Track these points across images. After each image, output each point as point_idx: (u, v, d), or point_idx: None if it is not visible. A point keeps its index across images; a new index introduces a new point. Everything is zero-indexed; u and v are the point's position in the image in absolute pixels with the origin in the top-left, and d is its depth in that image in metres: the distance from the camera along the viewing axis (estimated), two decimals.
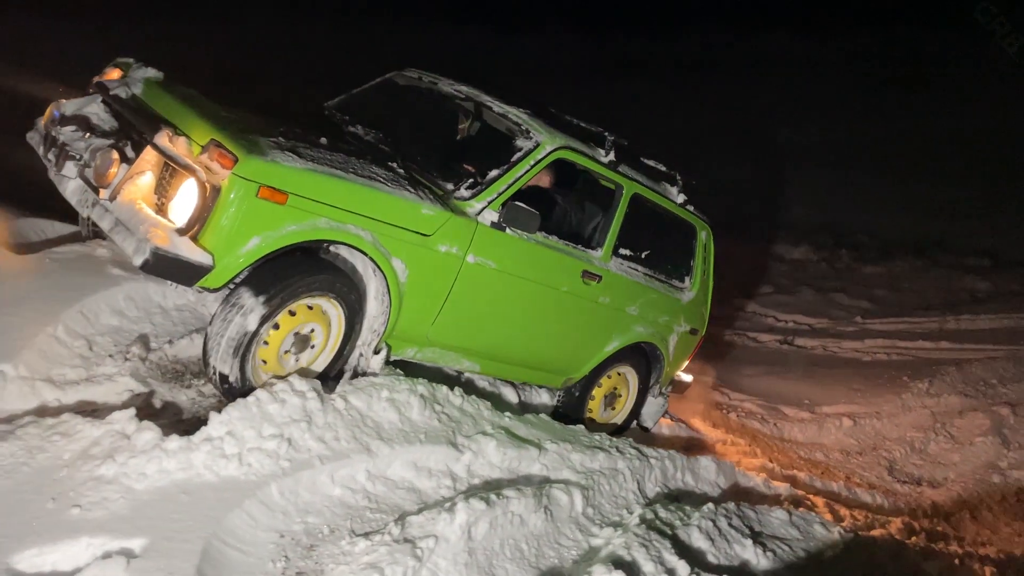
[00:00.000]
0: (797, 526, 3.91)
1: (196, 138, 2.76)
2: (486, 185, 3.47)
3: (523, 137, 3.67)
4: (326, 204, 2.86)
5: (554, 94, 26.43)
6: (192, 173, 2.67)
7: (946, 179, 18.20)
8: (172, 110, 2.98)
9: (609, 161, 3.97)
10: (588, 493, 3.40)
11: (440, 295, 3.40)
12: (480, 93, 4.00)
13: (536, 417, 3.90)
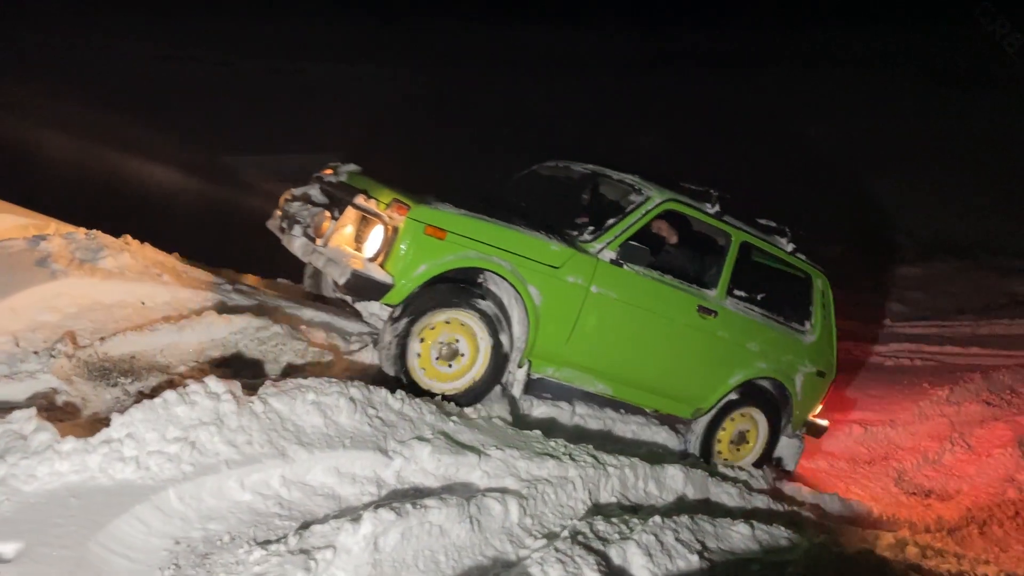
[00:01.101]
0: (760, 541, 3.72)
1: (382, 199, 3.75)
2: (605, 230, 4.17)
3: (636, 193, 4.37)
4: (475, 240, 3.72)
5: (600, 87, 26.24)
6: (380, 220, 3.65)
7: (993, 178, 17.44)
8: (366, 184, 4.01)
9: (715, 212, 4.53)
10: (527, 502, 3.28)
11: (570, 319, 4.07)
12: (602, 167, 4.74)
13: (488, 422, 3.80)
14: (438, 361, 3.85)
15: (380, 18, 38.23)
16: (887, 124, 22.95)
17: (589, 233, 4.14)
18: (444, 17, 38.17)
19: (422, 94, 27.14)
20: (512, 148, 19.47)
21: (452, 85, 28.84)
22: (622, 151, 19.28)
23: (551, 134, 20.75)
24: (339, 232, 3.80)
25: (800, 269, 4.98)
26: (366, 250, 3.65)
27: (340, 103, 25.35)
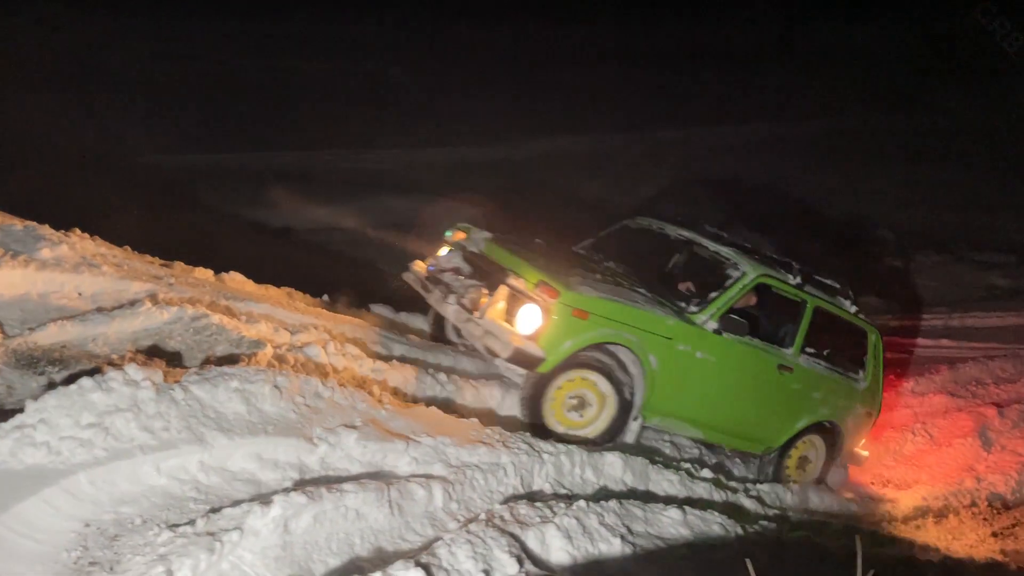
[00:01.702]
0: (691, 526, 3.77)
1: (529, 279, 4.33)
2: (708, 303, 4.74)
3: (733, 268, 4.94)
4: (611, 319, 4.31)
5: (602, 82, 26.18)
6: (532, 301, 4.21)
7: (978, 172, 17.49)
8: (509, 261, 4.59)
9: (796, 283, 5.10)
10: (454, 488, 3.33)
11: (678, 380, 4.67)
12: (697, 236, 5.36)
13: (427, 409, 3.85)
14: (569, 411, 4.51)
15: (381, 16, 38.30)
16: (871, 119, 23.03)
17: (695, 305, 4.75)
18: (441, 15, 38.29)
19: (414, 90, 27.22)
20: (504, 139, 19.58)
21: (449, 82, 28.93)
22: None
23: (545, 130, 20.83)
24: (493, 307, 4.36)
25: (858, 326, 5.58)
26: (519, 326, 4.22)
27: (333, 99, 25.44)
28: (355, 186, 15.78)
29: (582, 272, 4.58)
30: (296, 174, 16.44)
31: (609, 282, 4.59)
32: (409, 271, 5.11)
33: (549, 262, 4.60)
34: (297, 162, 17.63)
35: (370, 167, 17.91)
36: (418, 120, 23.00)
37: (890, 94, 26.09)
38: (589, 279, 4.48)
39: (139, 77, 24.93)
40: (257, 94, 25.43)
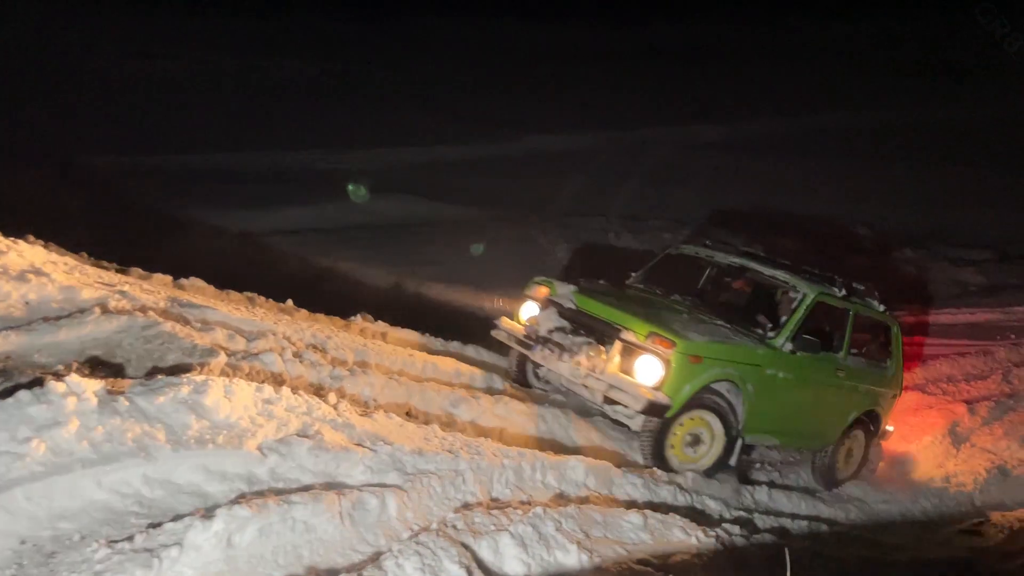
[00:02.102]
0: (652, 530, 3.74)
1: (639, 331, 4.61)
2: (782, 328, 5.18)
3: (793, 291, 5.41)
4: (719, 359, 4.71)
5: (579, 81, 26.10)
6: (650, 352, 4.52)
7: (957, 169, 17.61)
8: (610, 314, 4.85)
9: (842, 296, 5.56)
10: (409, 496, 3.29)
11: (769, 400, 5.09)
12: (749, 261, 5.74)
13: (385, 416, 3.80)
14: (686, 448, 4.86)
15: (364, 16, 38.21)
16: (850, 116, 23.18)
17: (771, 331, 5.20)
18: (426, 14, 38.23)
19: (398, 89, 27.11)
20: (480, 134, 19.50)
21: (429, 81, 28.84)
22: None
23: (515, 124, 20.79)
24: (612, 362, 4.65)
25: (885, 322, 6.05)
26: (640, 377, 4.54)
27: (312, 98, 25.29)
28: (333, 186, 15.69)
29: (670, 314, 5.01)
30: (271, 175, 16.33)
31: (696, 320, 5.04)
32: (499, 329, 5.34)
33: (645, 310, 4.96)
34: (273, 162, 17.51)
35: (349, 167, 17.80)
36: (399, 119, 22.92)
37: (871, 92, 26.29)
38: (686, 322, 4.89)
39: (115, 76, 24.72)
40: (236, 93, 25.27)
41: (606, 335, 4.74)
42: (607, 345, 4.69)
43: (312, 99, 25.37)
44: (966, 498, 5.89)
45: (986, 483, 6.01)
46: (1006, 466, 6.11)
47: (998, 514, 4.81)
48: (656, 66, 29.04)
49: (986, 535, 5.54)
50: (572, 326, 4.94)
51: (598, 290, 5.28)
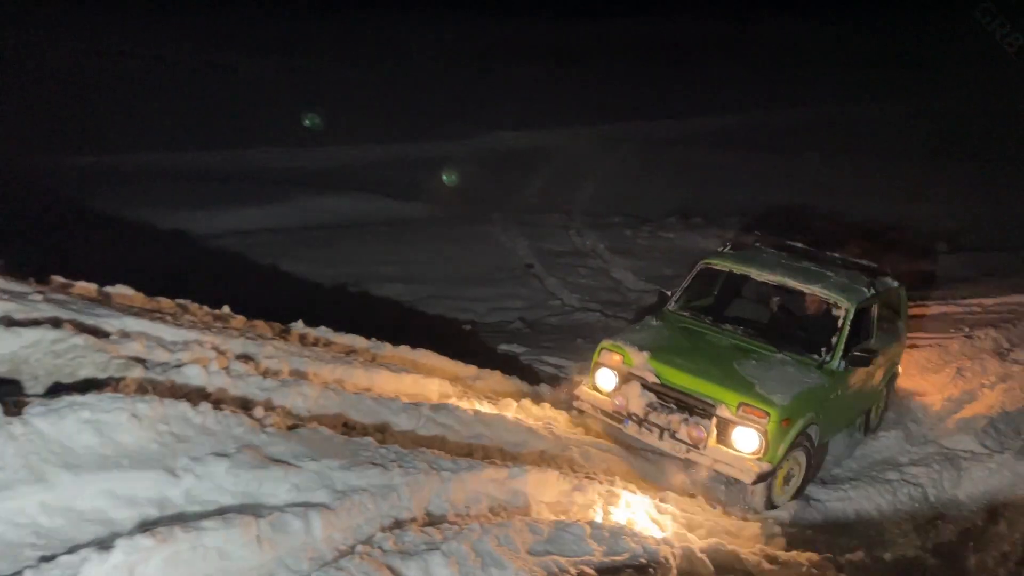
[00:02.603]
0: (598, 540, 3.63)
1: (730, 403, 4.93)
2: (833, 349, 5.51)
3: (835, 308, 5.67)
4: (802, 411, 5.08)
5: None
6: (745, 425, 4.88)
7: (909, 162, 17.80)
8: (695, 385, 5.07)
9: (872, 294, 5.96)
10: (337, 516, 3.13)
11: (832, 415, 5.59)
12: (786, 279, 5.86)
13: (318, 430, 3.62)
14: (784, 487, 5.34)
15: (326, 13, 37.73)
16: (809, 109, 23.40)
17: (826, 353, 5.50)
18: (388, 11, 37.88)
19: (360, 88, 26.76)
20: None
21: (398, 78, 28.54)
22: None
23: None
24: (711, 438, 4.96)
25: (897, 291, 6.57)
26: (741, 447, 4.90)
27: (270, 96, 24.84)
28: (289, 185, 15.39)
29: (742, 365, 5.24)
30: (226, 174, 15.96)
31: (766, 364, 5.30)
32: (583, 401, 5.47)
33: (723, 371, 5.14)
34: (229, 161, 17.13)
35: (306, 165, 17.48)
36: (359, 117, 22.59)
37: (836, 87, 26.56)
38: (764, 375, 5.14)
39: (69, 74, 24.08)
40: (193, 91, 24.73)
41: (698, 410, 5.03)
42: (705, 420, 5.00)
43: (271, 96, 24.94)
44: (919, 493, 5.87)
45: (940, 478, 5.99)
46: (960, 460, 6.10)
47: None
48: (619, 63, 29.05)
49: (941, 531, 5.54)
50: (661, 401, 5.15)
51: (669, 348, 5.39)
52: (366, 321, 8.90)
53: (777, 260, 6.19)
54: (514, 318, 9.56)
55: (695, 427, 4.96)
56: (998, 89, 24.66)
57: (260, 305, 6.90)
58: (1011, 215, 14.03)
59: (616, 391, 5.27)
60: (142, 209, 12.68)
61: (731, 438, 4.91)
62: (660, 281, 10.87)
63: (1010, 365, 7.36)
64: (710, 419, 4.96)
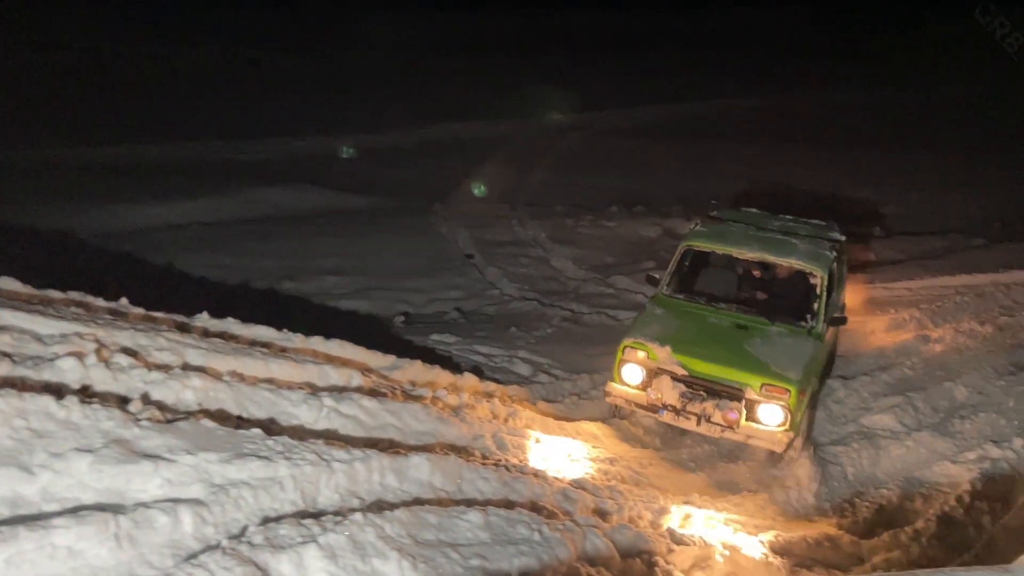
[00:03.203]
0: (493, 528, 3.57)
1: (753, 385, 5.47)
2: (816, 315, 6.09)
3: (812, 276, 6.22)
4: (810, 379, 5.74)
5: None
6: (769, 402, 5.44)
7: (871, 150, 18.05)
8: (718, 372, 5.60)
9: (835, 256, 6.49)
10: (210, 510, 3.01)
11: (820, 371, 6.28)
12: (764, 255, 6.36)
13: (197, 422, 3.49)
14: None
15: (275, 3, 37.06)
16: (756, 98, 23.67)
17: (811, 319, 6.06)
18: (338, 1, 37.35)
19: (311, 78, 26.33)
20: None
21: (346, 68, 28.14)
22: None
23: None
24: (741, 417, 5.47)
25: (843, 244, 6.99)
26: (769, 421, 5.46)
27: (213, 88, 24.30)
28: (228, 177, 15.06)
29: (752, 344, 5.78)
30: (165, 167, 15.57)
31: (769, 341, 5.84)
32: (614, 396, 5.88)
33: (737, 353, 5.68)
34: (168, 154, 16.70)
35: (248, 157, 17.14)
36: (306, 108, 22.24)
37: (786, 77, 26.88)
38: (774, 353, 5.69)
39: (5, 67, 23.26)
40: (131, 84, 24.09)
41: (728, 394, 5.54)
42: (735, 401, 5.50)
43: (215, 88, 24.41)
44: (839, 472, 5.94)
45: (859, 457, 6.07)
46: (878, 439, 6.19)
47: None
48: (568, 54, 29.04)
49: (850, 516, 5.61)
50: (692, 391, 5.63)
51: (686, 339, 5.80)
52: (293, 313, 8.77)
53: (748, 234, 6.59)
54: (450, 308, 9.47)
55: (728, 411, 5.47)
56: (952, 81, 25.24)
57: (179, 299, 6.71)
58: (948, 202, 14.32)
59: (645, 384, 5.72)
60: (71, 204, 12.31)
61: (758, 415, 5.47)
62: (600, 270, 10.88)
63: (932, 346, 7.49)
64: (740, 401, 5.48)
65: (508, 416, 5.59)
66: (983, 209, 13.51)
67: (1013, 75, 22.61)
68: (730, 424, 5.46)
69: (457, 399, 5.40)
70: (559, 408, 6.41)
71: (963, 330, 7.62)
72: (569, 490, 4.53)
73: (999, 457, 5.82)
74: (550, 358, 7.55)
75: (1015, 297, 8.51)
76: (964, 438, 6.18)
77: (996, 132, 19.64)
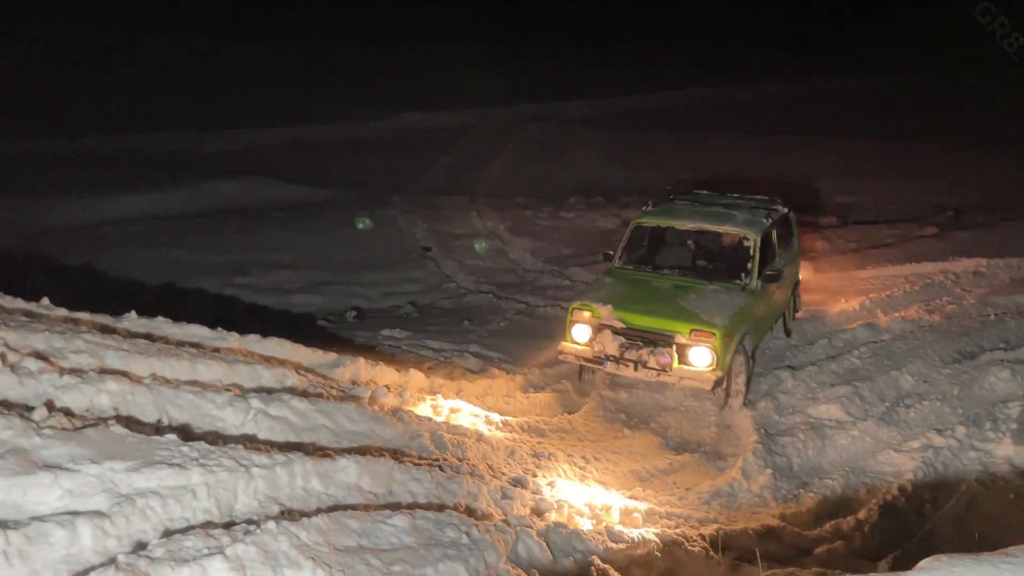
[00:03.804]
0: (420, 532, 3.48)
1: (683, 331, 6.05)
2: (751, 274, 6.66)
3: (745, 240, 6.80)
4: (738, 326, 6.23)
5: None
6: (698, 345, 6.01)
7: (833, 139, 18.17)
8: (653, 323, 6.19)
9: (770, 222, 7.07)
10: (112, 522, 2.89)
11: (759, 323, 6.80)
12: (702, 224, 7.01)
13: (105, 431, 3.34)
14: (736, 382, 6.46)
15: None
16: (720, 88, 23.75)
17: (745, 277, 6.65)
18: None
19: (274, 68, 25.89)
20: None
21: (310, 59, 27.72)
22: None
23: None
24: (674, 361, 6.04)
25: (786, 215, 7.64)
26: (699, 364, 6.02)
27: (172, 78, 23.81)
28: (182, 170, 14.75)
29: (686, 299, 6.36)
30: (118, 159, 15.21)
31: (702, 295, 6.42)
32: (566, 354, 6.46)
33: (671, 306, 6.28)
34: (122, 145, 16.34)
35: (202, 150, 16.82)
36: (267, 99, 21.89)
37: (748, 68, 27.00)
38: (704, 304, 6.27)
39: None
40: (87, 74, 23.51)
41: (660, 341, 6.09)
42: (667, 348, 6.04)
43: (173, 78, 23.92)
44: (784, 463, 5.94)
45: (805, 448, 6.07)
46: (825, 429, 6.20)
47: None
48: (527, 43, 28.88)
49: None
50: (630, 340, 6.18)
51: (626, 297, 6.46)
52: (239, 310, 8.59)
53: (692, 209, 7.27)
54: (404, 302, 9.35)
55: (661, 356, 6.05)
56: (917, 71, 25.54)
57: (116, 298, 6.52)
58: (904, 191, 14.47)
59: (592, 340, 6.28)
60: (13, 198, 11.96)
61: (689, 358, 6.02)
62: (557, 261, 10.81)
63: (881, 335, 7.54)
64: (671, 347, 6.04)
65: (451, 413, 5.50)
66: (937, 198, 13.66)
67: (977, 65, 22.97)
68: (663, 367, 6.04)
69: (398, 398, 5.30)
70: (507, 402, 6.33)
71: (911, 318, 7.68)
72: (507, 488, 4.47)
73: (942, 445, 5.87)
74: (501, 352, 7.49)
75: (963, 285, 8.60)
76: (909, 427, 6.23)
77: (955, 121, 19.92)
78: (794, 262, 7.86)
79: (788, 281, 7.51)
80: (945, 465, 5.73)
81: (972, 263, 9.23)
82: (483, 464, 4.82)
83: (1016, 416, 6.04)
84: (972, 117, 19.72)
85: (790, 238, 7.75)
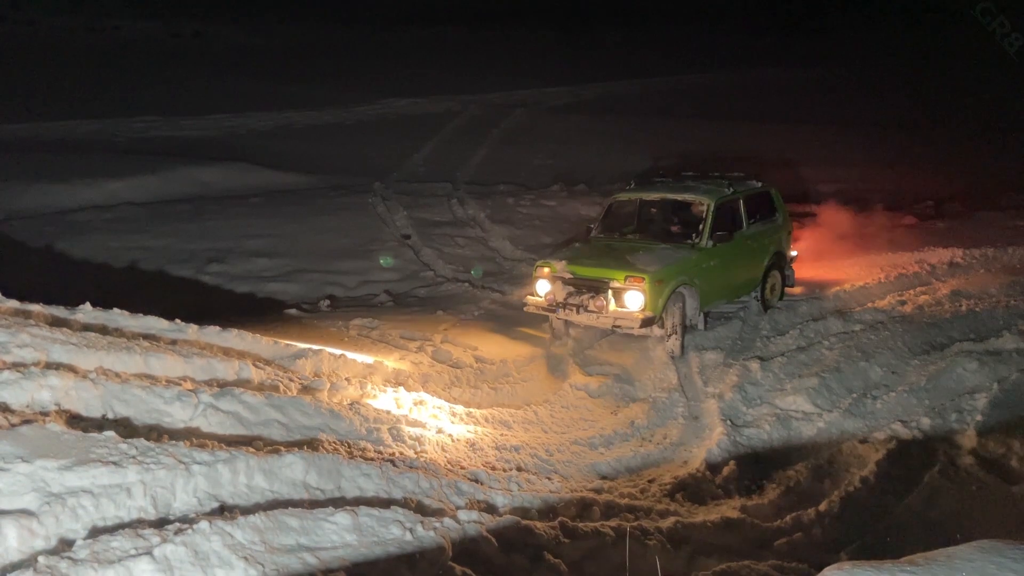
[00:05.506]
0: (363, 530, 3.45)
1: (618, 278, 6.84)
2: (701, 235, 7.35)
3: (700, 205, 7.52)
4: (674, 276, 6.98)
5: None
6: (631, 289, 6.78)
7: (817, 128, 18.15)
8: (596, 272, 7.03)
9: (733, 192, 7.74)
10: (41, 522, 2.85)
11: (711, 282, 7.38)
12: (665, 194, 7.94)
13: (40, 428, 3.30)
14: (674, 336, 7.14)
15: None
16: (702, 74, 23.62)
17: (696, 237, 7.37)
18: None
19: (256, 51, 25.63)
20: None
21: (295, 44, 27.43)
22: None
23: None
24: (609, 304, 6.82)
25: (766, 191, 8.33)
26: (631, 306, 6.79)
27: (157, 61, 23.56)
28: (161, 156, 14.61)
29: (632, 255, 7.09)
30: (94, 144, 15.06)
31: (649, 251, 7.18)
32: (529, 305, 7.32)
33: (615, 259, 7.09)
34: (99, 131, 16.18)
35: (187, 135, 16.68)
36: (251, 84, 21.69)
37: (730, 53, 26.91)
38: (645, 257, 7.03)
39: None
40: (67, 57, 23.24)
41: (600, 288, 6.89)
42: (604, 293, 6.83)
43: (156, 62, 23.67)
44: (749, 455, 5.93)
45: (771, 439, 6.07)
46: (791, 421, 6.20)
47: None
48: (517, 29, 28.65)
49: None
50: (576, 288, 7.02)
51: (581, 254, 7.39)
52: (211, 299, 8.51)
53: (665, 185, 8.14)
54: (380, 291, 9.29)
55: (598, 298, 6.86)
56: (896, 60, 25.48)
57: (78, 288, 6.44)
58: (883, 180, 14.46)
59: (548, 293, 7.17)
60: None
61: (623, 301, 6.80)
62: (538, 250, 10.77)
63: (851, 325, 7.53)
64: (607, 292, 6.83)
65: (414, 405, 5.47)
66: (918, 187, 13.65)
67: (959, 54, 22.91)
68: (599, 310, 6.83)
69: (359, 390, 5.26)
70: (473, 394, 6.30)
71: (884, 308, 7.66)
72: (462, 483, 4.44)
73: (906, 437, 5.87)
74: (473, 342, 7.44)
75: (937, 275, 8.59)
76: (875, 418, 6.22)
77: (939, 110, 19.89)
78: (774, 235, 8.32)
79: (761, 251, 8.05)
80: (909, 456, 5.74)
81: (948, 253, 9.22)
82: (442, 458, 4.78)
83: (982, 408, 6.04)
84: (950, 106, 19.70)
85: (772, 213, 8.35)
